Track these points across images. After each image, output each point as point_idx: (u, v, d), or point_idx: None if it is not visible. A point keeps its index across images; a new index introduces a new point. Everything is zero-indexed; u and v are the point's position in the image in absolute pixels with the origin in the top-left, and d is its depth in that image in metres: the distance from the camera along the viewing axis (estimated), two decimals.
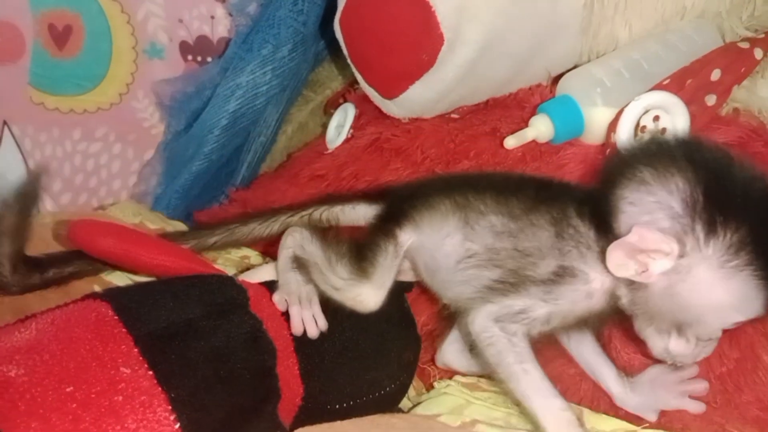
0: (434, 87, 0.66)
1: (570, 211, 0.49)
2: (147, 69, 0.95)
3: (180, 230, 0.70)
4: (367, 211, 0.60)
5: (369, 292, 0.50)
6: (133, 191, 0.99)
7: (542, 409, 0.45)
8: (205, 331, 0.43)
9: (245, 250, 0.77)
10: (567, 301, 0.47)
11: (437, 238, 0.53)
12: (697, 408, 0.53)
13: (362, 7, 0.69)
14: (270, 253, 0.75)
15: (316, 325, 0.50)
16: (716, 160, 0.45)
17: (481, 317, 0.48)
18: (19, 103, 0.91)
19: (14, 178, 0.57)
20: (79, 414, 0.38)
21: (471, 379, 0.59)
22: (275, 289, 0.50)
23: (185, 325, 0.43)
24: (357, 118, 0.79)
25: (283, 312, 0.48)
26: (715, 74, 0.60)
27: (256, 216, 0.62)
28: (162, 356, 0.41)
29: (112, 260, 0.56)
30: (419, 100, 0.68)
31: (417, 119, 0.72)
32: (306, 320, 0.49)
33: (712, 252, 0.42)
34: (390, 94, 0.70)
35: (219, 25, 0.94)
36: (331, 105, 0.89)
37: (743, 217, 0.42)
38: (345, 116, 0.80)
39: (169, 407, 0.39)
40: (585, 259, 0.47)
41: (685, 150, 0.45)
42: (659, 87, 0.60)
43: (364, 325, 0.52)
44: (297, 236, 0.54)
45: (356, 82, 0.76)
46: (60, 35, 0.91)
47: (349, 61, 0.74)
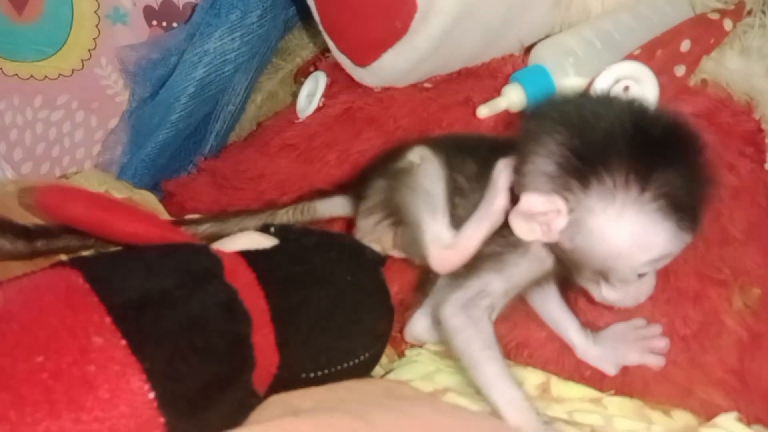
0: (407, 55, 0.66)
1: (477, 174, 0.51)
2: (110, 34, 0.92)
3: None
4: (343, 202, 0.61)
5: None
6: (97, 160, 0.97)
7: (502, 398, 0.46)
8: (179, 300, 0.43)
9: None
10: (519, 269, 0.49)
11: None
12: (657, 363, 0.54)
13: None
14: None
15: None
16: (579, 111, 0.46)
17: (449, 305, 0.49)
18: None
19: None
20: (50, 384, 0.37)
21: (441, 347, 0.60)
22: (251, 257, 0.50)
23: (159, 295, 0.43)
24: (328, 86, 0.78)
25: (259, 281, 0.48)
26: (685, 45, 0.60)
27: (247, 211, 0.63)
28: (135, 326, 0.41)
29: (82, 228, 0.55)
30: (392, 69, 0.68)
31: (390, 88, 0.71)
32: None
33: (593, 201, 0.44)
34: (362, 61, 0.69)
35: None
36: (302, 73, 0.88)
37: (612, 159, 0.43)
38: (316, 85, 0.79)
39: (144, 377, 0.38)
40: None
41: (550, 111, 0.47)
42: (630, 57, 0.60)
43: (340, 296, 0.52)
44: None
45: (328, 49, 0.75)
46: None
47: (321, 27, 0.73)
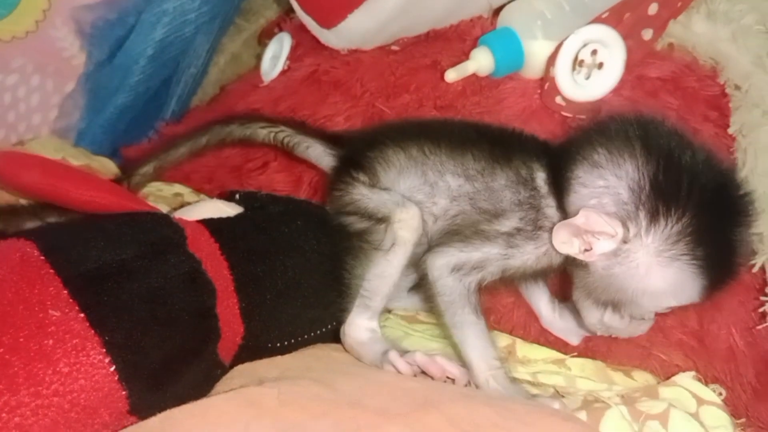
0: (374, 16, 0.64)
1: (525, 174, 0.50)
2: None
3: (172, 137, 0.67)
4: (322, 155, 0.59)
5: (403, 214, 0.50)
6: (54, 126, 0.93)
7: (477, 359, 0.47)
8: (139, 271, 0.42)
9: (177, 187, 0.74)
10: (526, 257, 0.49)
11: (397, 189, 0.52)
12: (619, 334, 0.53)
13: None
14: (205, 189, 0.73)
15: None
16: (670, 145, 0.45)
17: (439, 265, 0.49)
18: None
19: None
20: (6, 359, 0.36)
21: (409, 312, 0.61)
22: (214, 226, 0.49)
23: (118, 266, 0.41)
24: (293, 49, 0.76)
25: (222, 251, 0.47)
26: (653, 8, 0.60)
27: (236, 119, 0.63)
28: (94, 298, 0.40)
29: (37, 195, 0.53)
30: (359, 30, 0.66)
31: (356, 51, 0.70)
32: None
33: (652, 240, 0.44)
34: (328, 23, 0.67)
35: None
36: (266, 35, 0.86)
37: (686, 208, 0.43)
38: (281, 47, 0.77)
39: (104, 350, 0.38)
40: (541, 224, 0.49)
41: (641, 133, 0.45)
42: (598, 20, 0.60)
43: (307, 265, 0.51)
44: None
45: (292, 10, 0.73)
46: None
47: None
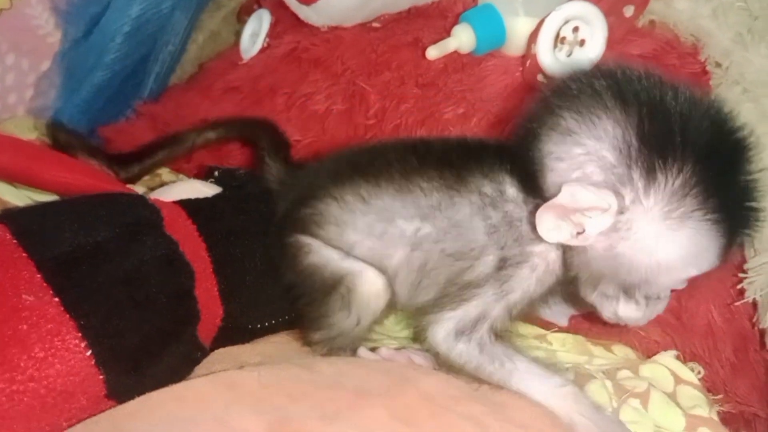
0: None
1: (491, 191, 0.42)
2: None
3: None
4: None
5: (362, 282, 0.44)
6: (30, 105, 0.91)
7: (543, 395, 0.41)
8: (115, 254, 0.41)
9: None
10: (526, 284, 0.42)
11: (343, 247, 0.45)
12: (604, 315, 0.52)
13: None
14: (183, 169, 0.72)
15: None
16: (647, 90, 0.37)
17: (441, 338, 0.42)
18: None
19: None
20: None
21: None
22: (191, 207, 0.48)
23: (93, 248, 0.41)
24: (273, 25, 0.75)
25: (200, 232, 0.46)
26: None
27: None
28: (68, 282, 0.39)
29: (10, 177, 0.52)
30: (339, 6, 0.65)
31: (337, 28, 0.68)
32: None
33: (654, 202, 0.37)
34: None
35: None
36: (245, 11, 0.84)
37: (685, 155, 0.36)
38: (260, 24, 0.76)
39: (79, 334, 0.37)
40: (524, 240, 0.41)
41: (609, 84, 0.38)
42: None
43: None
44: None
45: None
46: None
47: None
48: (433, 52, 0.61)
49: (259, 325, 0.49)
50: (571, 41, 0.59)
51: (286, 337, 0.50)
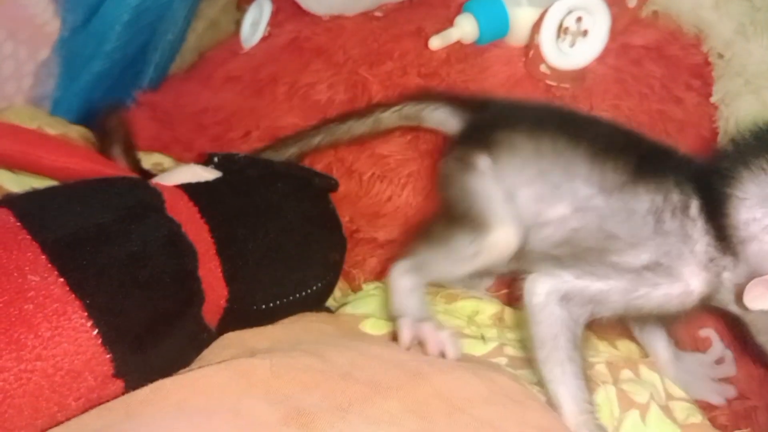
0: None
1: (677, 200, 0.42)
2: None
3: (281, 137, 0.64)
4: (447, 118, 0.55)
5: (500, 236, 0.45)
6: (29, 95, 0.90)
7: (570, 402, 0.41)
8: (118, 235, 0.41)
9: (157, 156, 0.73)
10: (655, 299, 0.42)
11: (514, 181, 0.46)
12: (716, 401, 0.51)
13: None
14: (184, 159, 0.72)
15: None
16: None
17: (546, 290, 0.42)
18: None
19: None
20: None
21: None
22: (192, 190, 0.48)
23: (95, 230, 0.41)
24: (274, 14, 0.75)
25: (202, 214, 0.46)
26: None
27: (353, 114, 0.59)
28: (73, 263, 0.39)
29: (9, 164, 0.52)
30: None
31: (338, 17, 0.68)
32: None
33: None
34: None
35: None
36: (245, 0, 0.84)
37: None
38: (260, 12, 0.76)
39: (85, 314, 0.37)
40: (686, 260, 0.41)
41: None
42: None
43: (289, 227, 0.51)
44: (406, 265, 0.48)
45: None
46: None
47: None
48: (435, 42, 0.61)
49: (264, 306, 0.49)
50: (574, 32, 0.59)
51: (294, 320, 0.50)
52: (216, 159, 0.53)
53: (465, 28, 0.61)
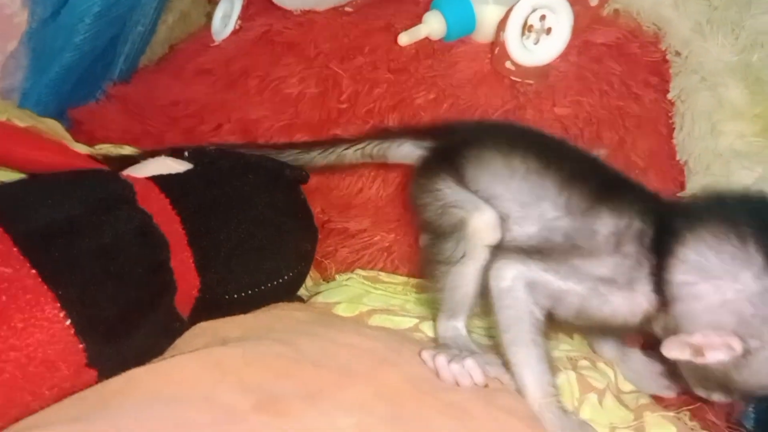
0: None
1: (638, 228, 0.44)
2: None
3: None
4: (412, 150, 0.56)
5: (479, 221, 0.46)
6: None
7: (534, 385, 0.43)
8: (89, 227, 0.41)
9: (128, 149, 0.73)
10: (605, 311, 0.44)
11: (483, 194, 0.48)
12: (668, 395, 0.53)
13: None
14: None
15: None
16: None
17: (513, 275, 0.44)
18: None
19: None
20: None
21: (371, 273, 0.62)
22: (163, 182, 0.48)
23: (67, 223, 0.41)
24: (245, 7, 0.75)
25: (174, 206, 0.47)
26: None
27: (317, 145, 0.59)
28: (45, 255, 0.39)
29: None
30: None
31: (309, 11, 0.69)
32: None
33: None
34: None
35: None
36: None
37: None
38: (231, 6, 0.76)
39: (58, 305, 0.38)
40: (637, 283, 0.44)
41: (756, 230, 0.40)
42: None
43: (260, 218, 0.52)
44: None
45: None
46: None
47: None
48: (404, 39, 0.62)
49: (236, 296, 0.50)
50: (539, 29, 0.61)
51: (267, 309, 0.51)
52: (186, 153, 0.54)
53: (433, 25, 0.62)
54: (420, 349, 0.46)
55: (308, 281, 0.63)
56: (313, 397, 0.37)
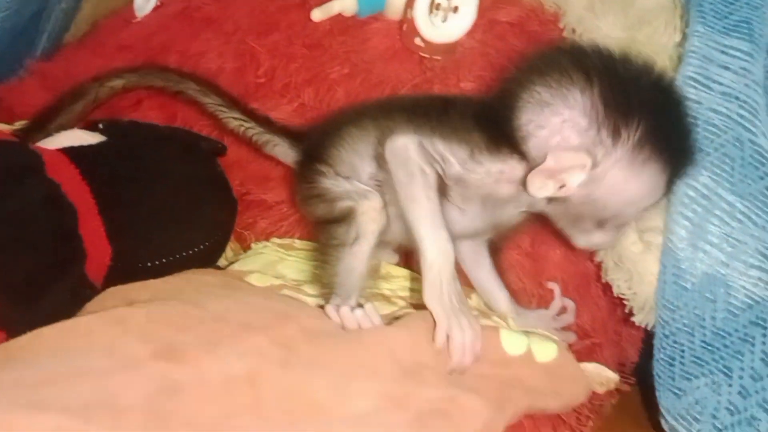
0: None
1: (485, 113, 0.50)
2: None
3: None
4: (288, 151, 0.60)
5: (366, 209, 0.51)
6: None
7: (429, 237, 0.47)
8: None
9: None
10: (478, 175, 0.49)
11: (355, 172, 0.53)
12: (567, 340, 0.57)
13: None
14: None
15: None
16: (603, 62, 0.46)
17: (404, 140, 0.49)
18: None
19: None
20: None
21: (286, 240, 0.64)
22: (74, 153, 0.50)
23: None
24: None
25: (83, 176, 0.48)
26: None
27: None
28: None
29: None
30: None
31: None
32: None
33: (621, 154, 0.45)
34: None
35: None
36: None
37: (640, 113, 0.45)
38: None
39: None
40: (503, 152, 0.48)
41: (572, 59, 0.46)
42: None
43: (175, 188, 0.54)
44: None
45: None
46: None
47: None
48: (317, 14, 0.64)
49: (149, 264, 0.52)
50: (446, 7, 0.63)
51: (178, 275, 0.53)
52: (101, 125, 0.55)
53: (345, 2, 0.64)
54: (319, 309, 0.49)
55: (229, 252, 0.65)
56: (212, 345, 0.40)
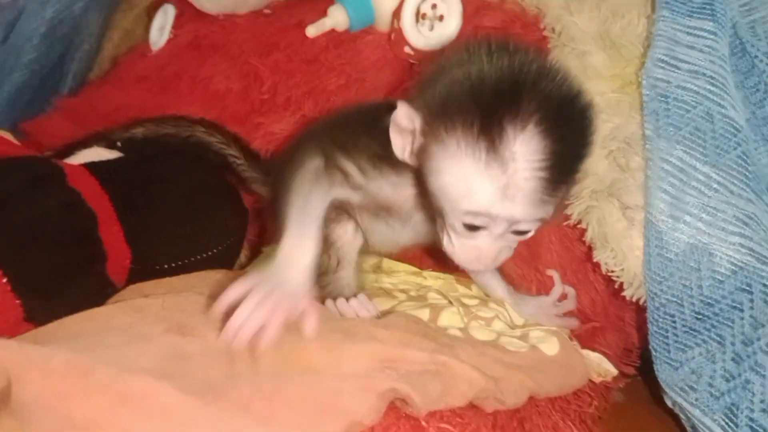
0: None
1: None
2: None
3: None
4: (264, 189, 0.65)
5: (341, 234, 0.54)
6: None
7: (291, 234, 0.47)
8: (21, 202, 0.48)
9: None
10: (373, 187, 0.50)
11: None
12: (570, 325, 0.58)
13: None
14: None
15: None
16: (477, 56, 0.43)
17: (314, 147, 0.50)
18: None
19: None
20: None
21: None
22: (94, 167, 0.55)
23: (3, 197, 0.47)
24: (177, 17, 0.82)
25: (102, 185, 0.53)
26: None
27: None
28: None
29: None
30: None
31: (232, 15, 0.76)
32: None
33: (445, 136, 0.42)
34: None
35: None
36: (154, 8, 0.91)
37: (476, 99, 0.41)
38: (166, 17, 0.83)
39: None
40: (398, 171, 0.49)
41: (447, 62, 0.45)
42: None
43: (186, 195, 0.58)
44: None
45: None
46: None
47: None
48: (311, 31, 0.69)
49: (166, 266, 0.56)
50: (432, 17, 0.68)
51: (194, 274, 0.56)
52: (119, 143, 0.60)
53: (337, 18, 0.69)
54: None
55: (242, 258, 0.69)
56: (218, 324, 0.43)
